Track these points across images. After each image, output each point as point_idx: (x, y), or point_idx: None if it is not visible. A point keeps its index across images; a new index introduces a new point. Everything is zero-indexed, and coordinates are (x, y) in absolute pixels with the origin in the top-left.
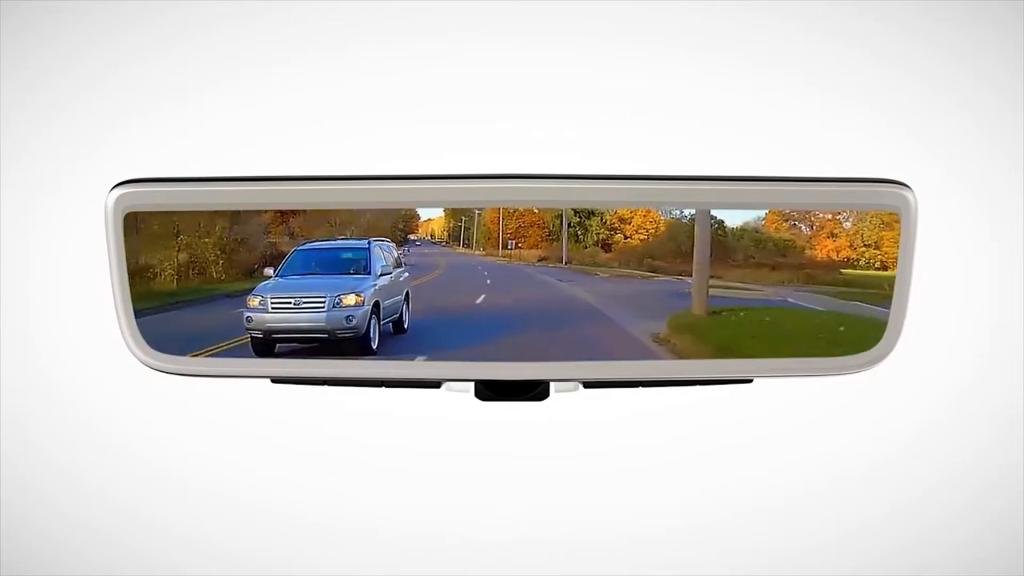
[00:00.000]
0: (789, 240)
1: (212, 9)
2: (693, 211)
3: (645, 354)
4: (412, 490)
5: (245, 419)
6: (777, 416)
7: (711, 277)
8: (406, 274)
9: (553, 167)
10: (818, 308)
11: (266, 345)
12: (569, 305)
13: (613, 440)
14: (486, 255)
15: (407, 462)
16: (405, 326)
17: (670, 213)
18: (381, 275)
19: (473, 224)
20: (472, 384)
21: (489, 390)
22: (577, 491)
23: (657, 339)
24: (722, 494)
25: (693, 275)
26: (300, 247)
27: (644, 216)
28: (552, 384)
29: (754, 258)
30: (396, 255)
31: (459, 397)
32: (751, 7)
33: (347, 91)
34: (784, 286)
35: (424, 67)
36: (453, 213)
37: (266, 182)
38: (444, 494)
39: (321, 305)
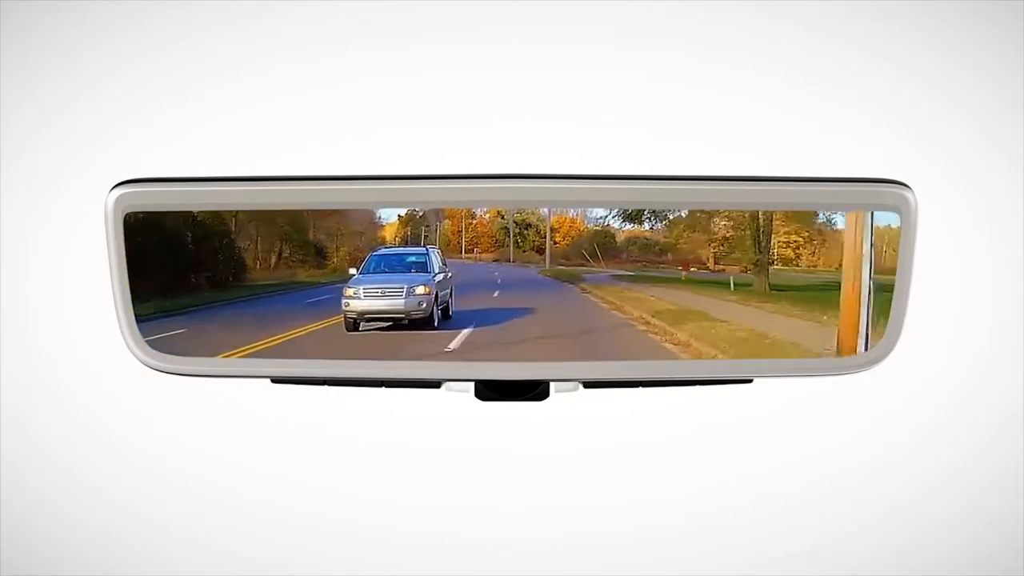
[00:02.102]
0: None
1: (212, 9)
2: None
3: (536, 282)
4: (412, 490)
5: (245, 419)
6: (777, 416)
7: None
8: (451, 273)
9: (553, 167)
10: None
11: (356, 323)
12: (518, 274)
13: (613, 440)
14: (448, 258)
15: (407, 462)
16: (450, 313)
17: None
18: (437, 273)
19: (433, 232)
20: (472, 384)
21: (489, 390)
22: (577, 491)
23: (540, 272)
24: (722, 494)
25: (546, 256)
26: (375, 252)
27: (569, 227)
28: (552, 384)
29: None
30: (443, 259)
31: (459, 397)
32: (751, 7)
33: (347, 91)
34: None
35: (424, 67)
36: (409, 220)
37: (266, 182)
38: (444, 494)
39: (400, 293)
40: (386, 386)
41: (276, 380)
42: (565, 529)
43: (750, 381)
